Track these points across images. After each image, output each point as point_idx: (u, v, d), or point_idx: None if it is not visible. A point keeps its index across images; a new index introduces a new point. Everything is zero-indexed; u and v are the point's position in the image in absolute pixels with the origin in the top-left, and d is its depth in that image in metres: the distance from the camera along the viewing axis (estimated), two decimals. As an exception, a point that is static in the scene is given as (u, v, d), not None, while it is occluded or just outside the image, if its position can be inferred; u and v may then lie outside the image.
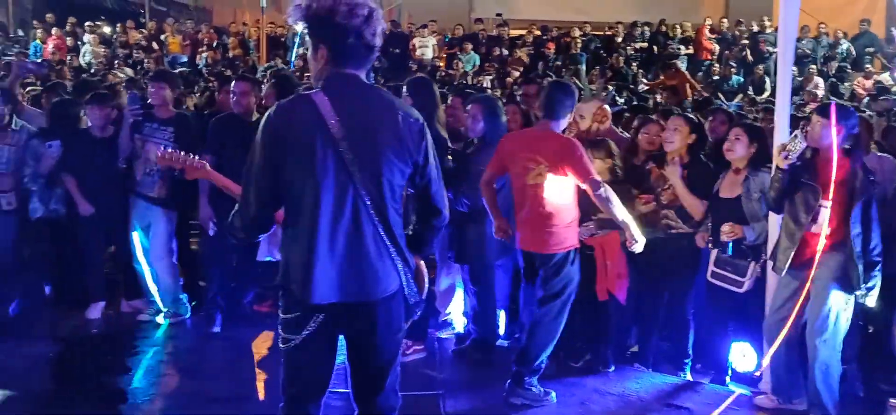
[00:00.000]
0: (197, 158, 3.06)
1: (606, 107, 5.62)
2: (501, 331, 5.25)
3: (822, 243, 3.97)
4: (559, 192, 4.16)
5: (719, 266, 4.56)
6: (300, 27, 2.51)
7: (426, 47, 15.29)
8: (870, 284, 3.96)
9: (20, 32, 16.56)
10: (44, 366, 4.75)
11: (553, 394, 4.30)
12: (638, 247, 4.07)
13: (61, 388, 4.56)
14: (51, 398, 4.37)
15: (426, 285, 2.69)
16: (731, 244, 4.44)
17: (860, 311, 4.27)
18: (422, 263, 2.68)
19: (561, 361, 4.71)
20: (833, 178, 3.92)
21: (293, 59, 14.09)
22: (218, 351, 5.09)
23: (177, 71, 13.22)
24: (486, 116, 4.74)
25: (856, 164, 3.98)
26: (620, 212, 4.03)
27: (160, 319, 5.52)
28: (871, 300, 4.02)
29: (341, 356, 2.66)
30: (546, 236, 4.23)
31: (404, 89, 4.80)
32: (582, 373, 4.71)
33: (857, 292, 3.96)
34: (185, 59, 14.96)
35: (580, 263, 4.33)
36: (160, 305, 5.56)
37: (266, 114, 2.51)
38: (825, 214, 3.97)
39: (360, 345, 2.59)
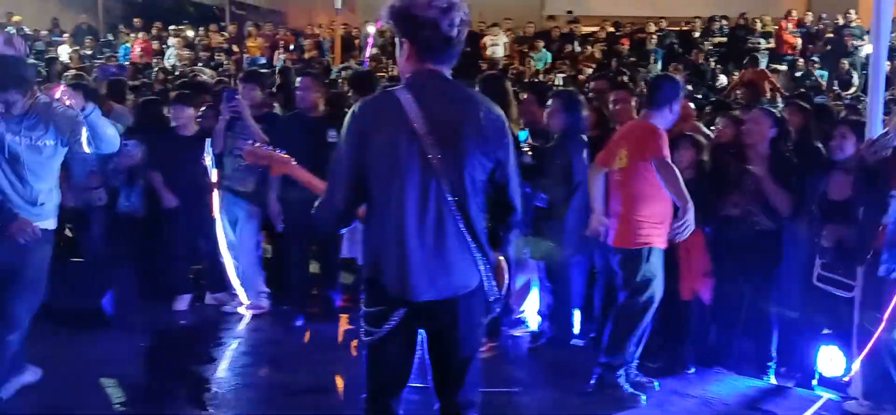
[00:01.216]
0: (283, 153, 3.14)
1: (691, 104, 5.50)
2: (576, 330, 5.22)
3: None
4: (639, 180, 4.13)
5: (827, 270, 4.42)
6: (372, 28, 2.56)
7: (497, 46, 15.27)
8: None
9: (110, 37, 17.32)
10: (134, 357, 4.94)
11: (643, 398, 4.23)
12: (685, 234, 3.96)
13: (151, 378, 4.75)
14: (140, 388, 4.55)
15: (506, 282, 2.70)
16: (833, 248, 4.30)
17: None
18: (502, 259, 2.68)
19: (638, 361, 4.64)
20: None
21: (367, 57, 14.31)
22: (300, 344, 5.21)
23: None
24: (565, 111, 4.73)
25: None
26: (682, 191, 3.96)
27: (243, 311, 5.70)
28: None
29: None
30: (623, 228, 4.23)
31: (476, 87, 4.82)
32: (660, 374, 4.59)
33: None
34: (263, 60, 15.37)
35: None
36: (243, 297, 5.74)
37: (351, 110, 2.57)
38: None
39: (441, 340, 2.62)
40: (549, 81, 13.51)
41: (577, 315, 5.25)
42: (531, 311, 5.42)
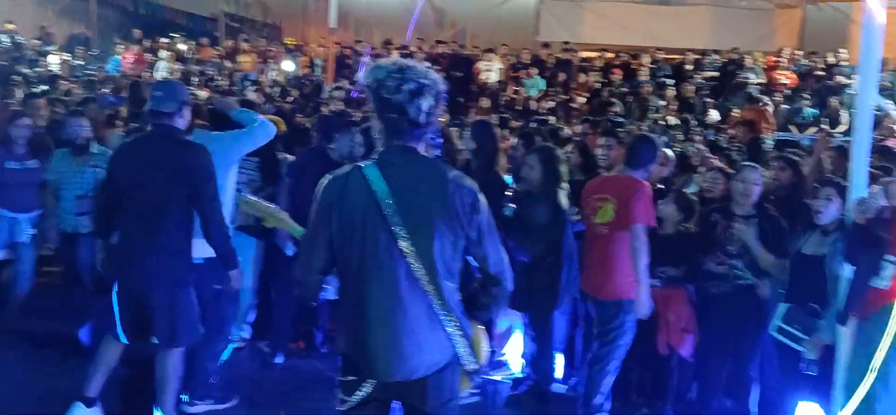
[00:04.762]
0: (276, 207, 3.20)
1: (669, 152, 5.51)
2: (559, 375, 5.20)
3: (885, 299, 3.82)
4: (624, 238, 4.18)
5: (789, 323, 4.41)
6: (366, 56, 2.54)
7: (491, 71, 15.29)
8: None
9: (105, 48, 17.19)
10: (113, 386, 4.85)
11: None
12: (641, 314, 4.23)
13: (131, 409, 4.68)
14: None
15: (487, 352, 2.68)
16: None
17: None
18: (481, 328, 2.67)
19: (619, 413, 4.64)
20: None
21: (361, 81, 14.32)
22: (277, 382, 5.16)
23: (248, 88, 13.57)
24: (543, 165, 4.71)
25: None
26: (642, 272, 4.15)
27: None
28: None
29: None
30: (603, 281, 4.35)
31: (466, 133, 4.84)
32: (640, 427, 4.63)
33: None
34: (255, 76, 15.32)
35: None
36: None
37: (321, 182, 2.55)
38: (892, 269, 3.83)
39: (413, 413, 2.61)
40: (541, 108, 13.57)
41: (559, 359, 5.25)
42: (514, 354, 5.39)
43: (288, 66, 15.78)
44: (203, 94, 10.95)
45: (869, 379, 3.89)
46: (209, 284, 4.25)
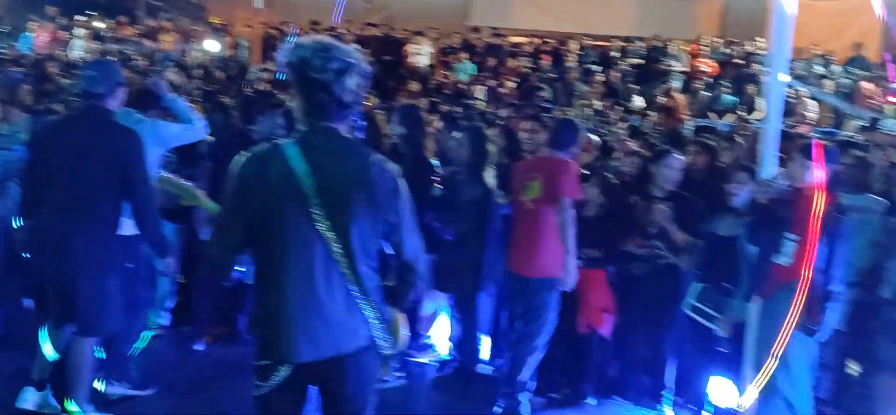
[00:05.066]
0: (192, 184, 3.11)
1: (593, 137, 5.64)
2: (486, 356, 5.25)
3: (787, 276, 3.99)
4: (550, 214, 4.27)
5: (702, 301, 4.57)
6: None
7: (420, 54, 15.22)
8: (826, 321, 3.93)
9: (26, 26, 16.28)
10: (21, 377, 4.67)
11: None
12: (568, 285, 4.34)
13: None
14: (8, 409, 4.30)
15: (404, 336, 2.67)
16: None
17: (842, 348, 4.30)
18: (398, 315, 2.65)
19: (541, 391, 4.73)
20: (812, 214, 3.95)
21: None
22: (198, 368, 5.05)
23: (169, 68, 13.13)
24: (472, 145, 4.76)
25: (831, 201, 3.99)
26: (570, 245, 4.28)
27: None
28: (823, 336, 4.00)
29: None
30: (529, 259, 4.40)
31: (394, 117, 4.84)
32: (562, 405, 4.75)
33: (813, 328, 3.95)
34: (177, 56, 14.84)
35: (563, 296, 4.40)
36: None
37: (237, 159, 2.48)
38: (791, 247, 4.00)
39: (330, 397, 2.58)
40: (472, 92, 13.61)
41: (485, 341, 5.29)
42: (441, 336, 5.41)
43: (212, 46, 15.33)
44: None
45: (771, 365, 4.06)
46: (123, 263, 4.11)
